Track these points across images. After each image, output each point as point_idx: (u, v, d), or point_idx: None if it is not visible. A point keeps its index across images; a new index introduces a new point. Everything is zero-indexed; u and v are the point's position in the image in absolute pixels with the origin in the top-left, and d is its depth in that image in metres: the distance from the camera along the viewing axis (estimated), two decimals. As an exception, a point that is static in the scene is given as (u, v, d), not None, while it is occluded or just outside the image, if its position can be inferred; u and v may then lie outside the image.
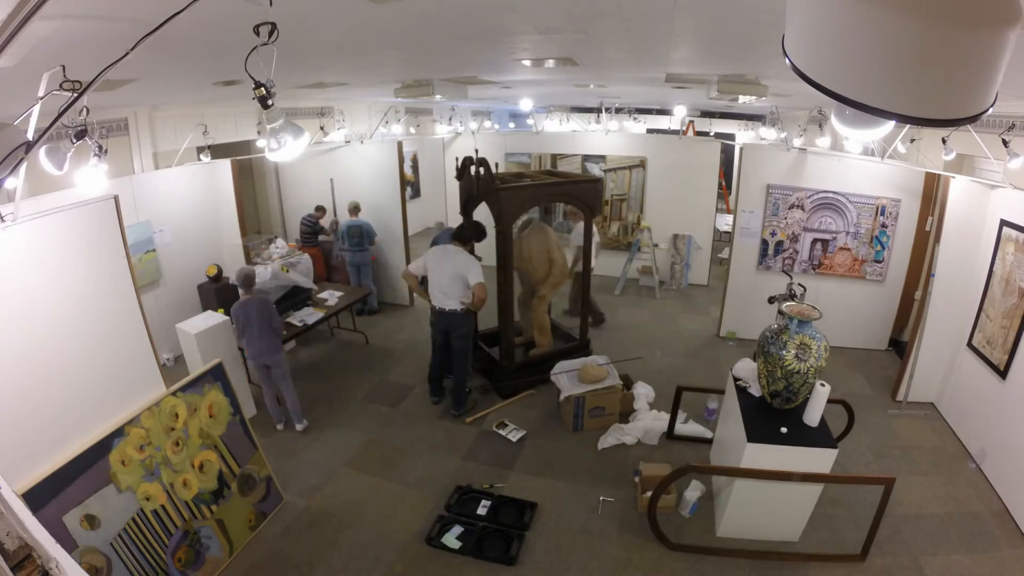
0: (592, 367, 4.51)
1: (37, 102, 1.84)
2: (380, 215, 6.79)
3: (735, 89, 3.88)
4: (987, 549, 3.21)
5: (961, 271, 4.39)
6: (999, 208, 4.11)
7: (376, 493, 3.74)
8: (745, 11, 2.00)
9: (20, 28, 1.13)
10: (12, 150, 1.56)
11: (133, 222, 4.80)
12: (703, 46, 2.99)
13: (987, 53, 0.74)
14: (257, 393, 4.76)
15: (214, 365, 3.40)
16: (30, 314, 2.67)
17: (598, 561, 3.16)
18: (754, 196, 5.79)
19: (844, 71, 0.81)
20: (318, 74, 4.08)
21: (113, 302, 3.16)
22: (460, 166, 4.93)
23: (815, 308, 3.04)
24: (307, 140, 2.13)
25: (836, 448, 2.96)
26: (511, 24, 2.45)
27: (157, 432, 2.94)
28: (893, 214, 5.44)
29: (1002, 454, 3.71)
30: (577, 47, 3.11)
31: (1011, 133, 3.39)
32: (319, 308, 5.50)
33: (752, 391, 3.41)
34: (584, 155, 8.16)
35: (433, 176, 10.56)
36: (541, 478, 3.86)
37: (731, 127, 11.97)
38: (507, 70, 4.24)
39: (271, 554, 3.23)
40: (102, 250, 3.10)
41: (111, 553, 2.59)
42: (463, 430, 4.45)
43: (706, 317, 6.84)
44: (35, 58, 1.77)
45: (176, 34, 1.58)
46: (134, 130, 4.99)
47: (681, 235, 7.77)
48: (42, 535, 1.05)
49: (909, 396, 4.66)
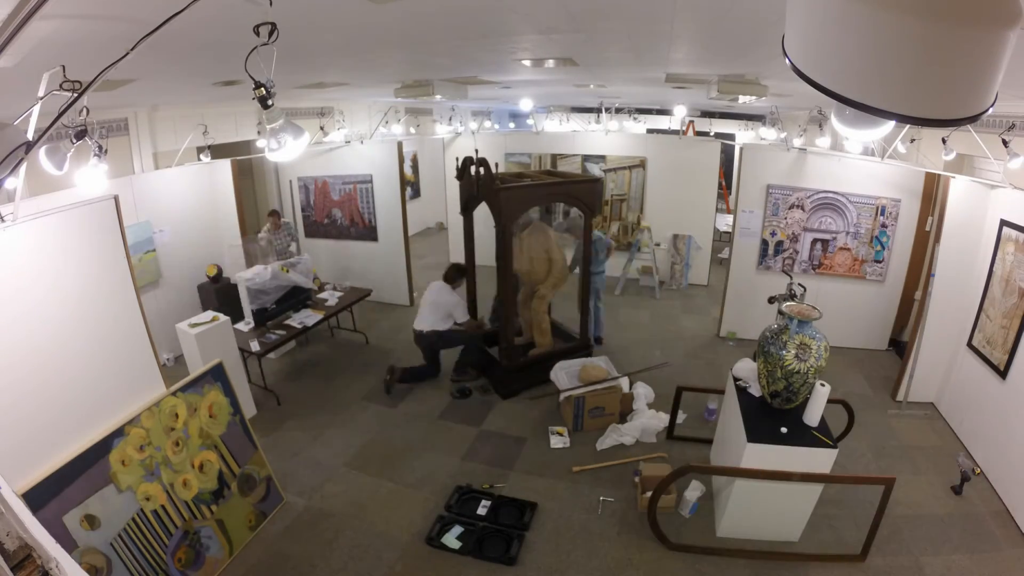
0: (592, 367, 4.52)
1: (37, 102, 1.83)
2: (380, 215, 6.80)
3: (735, 89, 3.88)
4: (987, 549, 3.21)
5: (961, 271, 4.38)
6: (999, 208, 4.11)
7: (376, 493, 3.74)
8: (745, 11, 2.00)
9: (20, 28, 1.13)
10: (12, 150, 1.56)
11: (133, 222, 4.80)
12: (703, 46, 2.99)
13: (987, 53, 0.74)
14: (257, 393, 4.77)
15: (214, 365, 3.40)
16: (30, 314, 2.66)
17: (598, 561, 3.16)
18: (754, 196, 5.79)
19: (844, 71, 0.81)
20: (318, 74, 4.08)
21: (113, 302, 3.15)
22: (460, 166, 4.93)
23: (815, 308, 3.04)
24: (307, 140, 2.13)
25: (836, 448, 2.96)
26: (511, 24, 2.45)
27: (157, 432, 2.94)
28: (893, 214, 5.44)
29: (1002, 454, 3.71)
30: (577, 47, 3.11)
31: (1011, 133, 3.39)
32: (319, 309, 5.51)
33: (752, 391, 3.41)
34: (584, 155, 8.16)
35: (433, 176, 10.56)
36: (541, 478, 3.86)
37: (731, 127, 11.95)
38: (507, 70, 4.24)
39: (271, 554, 3.23)
40: (102, 250, 3.10)
41: (111, 553, 2.59)
42: (463, 430, 4.45)
43: (706, 317, 6.84)
44: (35, 58, 1.77)
45: (176, 34, 1.58)
46: (134, 130, 4.99)
47: (681, 235, 7.77)
48: (42, 535, 1.05)
49: (909, 396, 4.66)
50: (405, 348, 5.95)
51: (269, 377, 5.06)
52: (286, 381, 5.32)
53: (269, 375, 5.10)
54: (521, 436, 4.35)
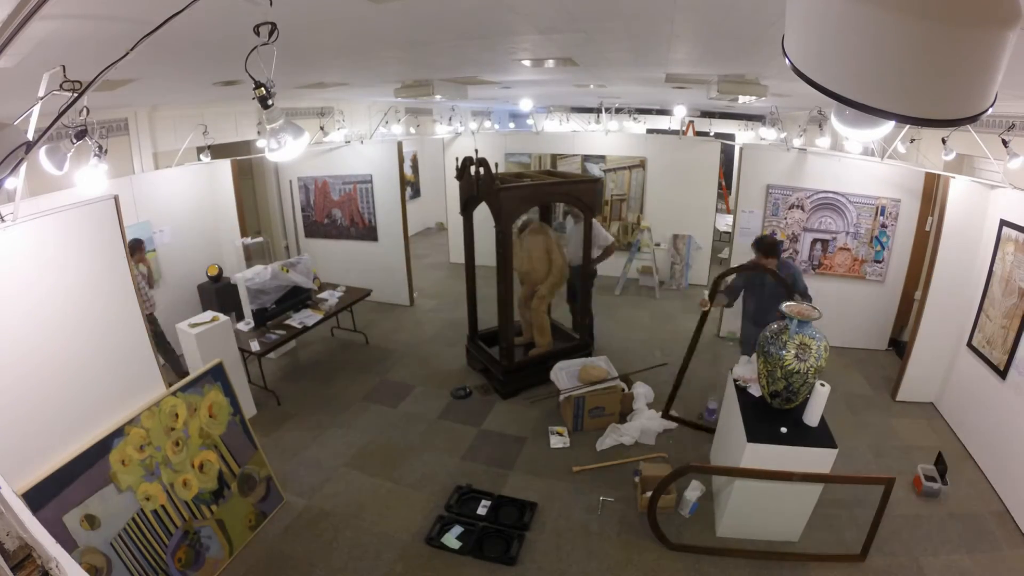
0: (592, 367, 4.51)
1: (37, 102, 1.83)
2: (380, 215, 6.79)
3: (735, 89, 3.88)
4: (987, 549, 3.21)
5: (961, 271, 4.39)
6: (999, 208, 4.11)
7: (376, 493, 3.74)
8: (745, 11, 2.00)
9: (20, 28, 1.13)
10: (12, 150, 1.56)
11: (133, 222, 4.80)
12: (703, 46, 2.99)
13: (987, 53, 0.74)
14: (257, 393, 4.77)
15: (214, 365, 3.40)
16: (30, 314, 2.66)
17: (598, 561, 3.17)
18: (754, 196, 5.79)
19: (844, 71, 0.81)
20: (318, 74, 4.08)
21: (113, 302, 3.15)
22: (460, 166, 4.93)
23: (815, 308, 3.05)
24: (307, 140, 2.13)
25: (836, 448, 2.96)
26: (511, 24, 2.45)
27: (157, 432, 2.94)
28: (893, 214, 5.44)
29: (1002, 454, 3.71)
30: (577, 47, 3.11)
31: (1011, 133, 3.39)
32: (318, 309, 5.51)
33: (752, 391, 3.41)
34: (584, 155, 8.16)
35: (433, 176, 10.56)
36: (541, 478, 3.86)
37: (731, 127, 11.95)
38: (507, 70, 4.24)
39: (271, 554, 3.23)
40: (102, 250, 3.10)
41: (111, 553, 2.59)
42: (463, 430, 4.45)
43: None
44: (35, 58, 1.77)
45: (176, 34, 1.58)
46: (134, 130, 4.99)
47: (681, 235, 7.77)
48: (42, 535, 1.05)
49: (909, 396, 4.66)
50: (405, 348, 5.96)
51: (269, 377, 5.07)
52: (286, 381, 5.32)
53: (269, 375, 5.10)
54: (521, 436, 4.35)
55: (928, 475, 3.67)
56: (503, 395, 4.90)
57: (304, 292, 5.59)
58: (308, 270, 5.72)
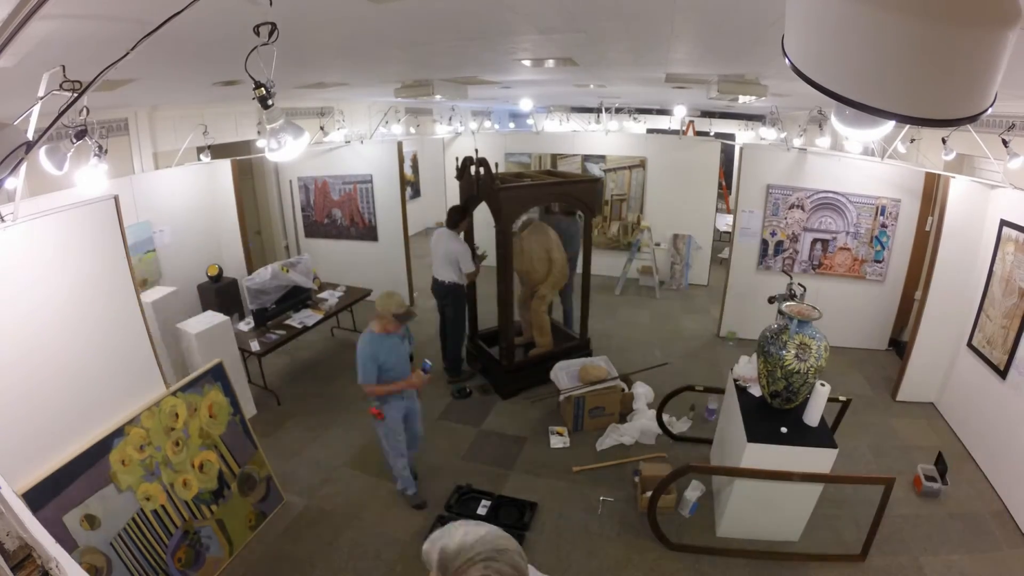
0: (592, 367, 4.52)
1: (37, 102, 1.83)
2: (380, 215, 6.78)
3: (735, 89, 3.88)
4: (987, 549, 3.21)
5: (961, 271, 4.39)
6: (999, 208, 4.11)
7: (376, 493, 3.74)
8: (745, 11, 2.00)
9: (20, 28, 1.13)
10: (12, 150, 1.56)
11: (133, 222, 4.79)
12: (703, 46, 2.99)
13: (987, 53, 0.74)
14: (257, 393, 4.76)
15: (214, 365, 3.40)
16: (30, 314, 2.66)
17: (598, 561, 3.16)
18: (754, 196, 5.79)
19: (844, 71, 0.81)
20: (318, 74, 4.07)
21: (113, 302, 3.15)
22: (460, 166, 4.93)
23: (815, 308, 3.04)
24: (307, 140, 2.13)
25: (836, 448, 2.96)
26: (511, 24, 2.45)
27: (157, 432, 2.94)
28: (893, 214, 5.44)
29: (1002, 454, 3.71)
30: (577, 47, 3.10)
31: (1011, 133, 3.38)
32: (319, 309, 5.50)
33: (752, 391, 3.41)
34: (584, 155, 8.16)
35: (433, 176, 10.55)
36: (541, 478, 3.86)
37: (731, 127, 11.95)
38: (507, 70, 4.23)
39: (271, 554, 3.23)
40: (102, 250, 3.10)
41: (111, 553, 2.59)
42: (463, 430, 4.45)
43: (706, 317, 6.84)
44: (35, 58, 1.77)
45: (176, 34, 1.58)
46: (134, 130, 4.98)
47: (681, 235, 7.77)
48: (42, 535, 1.05)
49: (909, 396, 4.66)
50: (405, 348, 5.95)
51: (269, 377, 5.06)
52: (286, 381, 5.32)
53: (269, 375, 5.09)
54: (521, 436, 4.35)
55: (928, 475, 3.67)
56: (503, 395, 4.89)
57: (304, 292, 5.59)
58: (308, 270, 5.72)
